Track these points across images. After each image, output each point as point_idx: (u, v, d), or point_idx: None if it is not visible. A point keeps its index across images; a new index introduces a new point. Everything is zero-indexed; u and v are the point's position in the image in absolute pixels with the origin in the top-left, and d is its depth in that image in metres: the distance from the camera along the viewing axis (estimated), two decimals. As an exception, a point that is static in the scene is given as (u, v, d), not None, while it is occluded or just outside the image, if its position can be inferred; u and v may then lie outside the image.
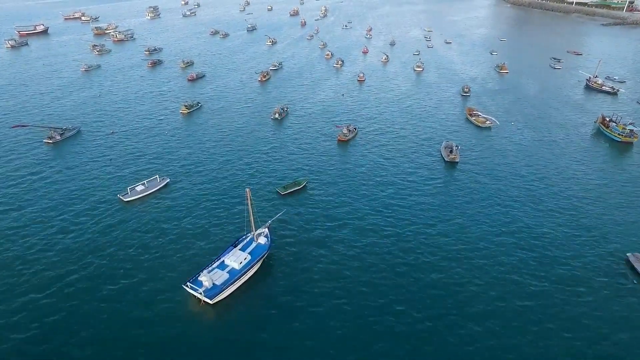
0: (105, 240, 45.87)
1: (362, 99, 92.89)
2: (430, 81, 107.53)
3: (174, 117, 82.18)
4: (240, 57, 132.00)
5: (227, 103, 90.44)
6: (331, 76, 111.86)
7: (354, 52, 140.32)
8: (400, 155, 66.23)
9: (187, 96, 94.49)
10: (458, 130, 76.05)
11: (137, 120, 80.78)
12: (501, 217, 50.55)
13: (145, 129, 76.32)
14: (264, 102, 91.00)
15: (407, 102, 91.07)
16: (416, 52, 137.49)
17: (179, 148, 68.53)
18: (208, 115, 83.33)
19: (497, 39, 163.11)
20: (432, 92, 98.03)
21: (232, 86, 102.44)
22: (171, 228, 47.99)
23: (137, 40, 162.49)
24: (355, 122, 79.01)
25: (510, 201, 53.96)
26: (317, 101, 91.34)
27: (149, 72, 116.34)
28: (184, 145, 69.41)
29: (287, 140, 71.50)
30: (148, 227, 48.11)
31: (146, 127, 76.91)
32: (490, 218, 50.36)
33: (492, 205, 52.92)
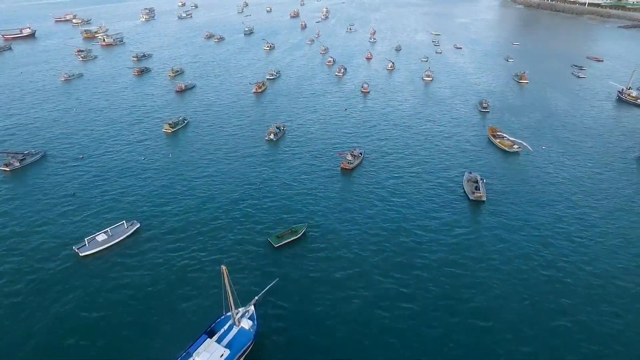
0: (41, 323, 35.12)
1: (367, 115, 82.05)
2: (442, 93, 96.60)
3: (156, 138, 71.47)
4: (235, 65, 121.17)
5: (217, 119, 79.70)
6: (333, 87, 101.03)
7: (357, 58, 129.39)
8: (415, 191, 55.22)
9: (173, 111, 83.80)
10: (481, 156, 65.16)
11: (113, 141, 70.08)
12: (549, 295, 39.64)
13: (121, 153, 65.61)
14: (259, 118, 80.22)
15: (418, 119, 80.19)
16: (424, 58, 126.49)
17: (156, 179, 57.78)
18: (194, 135, 72.58)
19: (510, 43, 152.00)
20: (445, 107, 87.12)
21: (224, 98, 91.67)
22: (132, 302, 37.25)
23: (127, 44, 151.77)
24: (360, 144, 68.28)
25: (559, 260, 43.07)
26: (318, 118, 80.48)
27: (135, 81, 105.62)
28: (162, 176, 58.62)
29: (282, 169, 60.67)
30: (100, 301, 37.30)
31: (122, 152, 66.21)
32: (534, 291, 39.42)
33: (533, 270, 41.86)
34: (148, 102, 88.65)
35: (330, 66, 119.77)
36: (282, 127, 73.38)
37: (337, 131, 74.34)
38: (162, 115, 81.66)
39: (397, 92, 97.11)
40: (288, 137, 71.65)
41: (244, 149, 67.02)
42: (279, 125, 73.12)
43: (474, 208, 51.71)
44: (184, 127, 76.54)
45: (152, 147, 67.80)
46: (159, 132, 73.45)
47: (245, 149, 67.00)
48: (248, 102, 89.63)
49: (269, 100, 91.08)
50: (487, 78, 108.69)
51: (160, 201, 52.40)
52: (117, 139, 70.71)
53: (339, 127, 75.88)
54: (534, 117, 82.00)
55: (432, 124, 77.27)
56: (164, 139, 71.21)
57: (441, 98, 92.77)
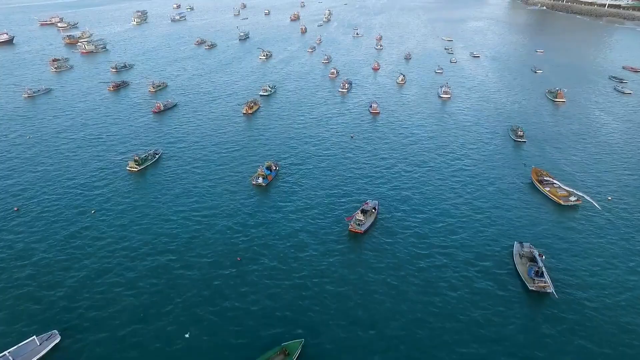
0: None
1: (378, 145, 66.42)
2: (464, 116, 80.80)
3: (116, 180, 56.11)
4: (225, 78, 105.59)
5: (196, 152, 64.28)
6: (336, 106, 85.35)
7: (363, 69, 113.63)
8: (451, 274, 39.45)
9: (145, 140, 68.48)
10: (527, 213, 49.41)
11: (62, 184, 54.78)
12: None
13: (64, 208, 50.22)
14: (247, 151, 64.70)
15: (440, 154, 64.46)
16: (439, 69, 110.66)
17: (99, 258, 42.26)
18: (163, 177, 57.22)
19: (532, 50, 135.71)
20: (471, 136, 71.40)
21: (208, 122, 76.17)
22: None
23: (111, 51, 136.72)
24: (371, 191, 52.81)
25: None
26: (318, 151, 64.81)
27: (109, 99, 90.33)
28: (108, 252, 43.00)
29: (271, 236, 44.89)
30: None
31: (66, 204, 50.84)
32: None
33: None
34: (118, 128, 73.20)
35: (333, 79, 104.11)
36: (274, 166, 57.97)
37: (343, 170, 58.77)
38: (132, 146, 66.39)
39: (411, 113, 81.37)
40: (281, 181, 56.24)
41: (222, 200, 51.27)
42: (270, 164, 57.63)
43: (535, 301, 36.32)
44: (155, 162, 61.26)
45: (107, 194, 52.41)
46: (121, 173, 58.13)
47: (225, 200, 51.25)
48: (236, 127, 74.07)
49: (261, 124, 75.49)
50: (515, 96, 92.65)
51: (87, 303, 36.62)
52: (66, 183, 55.40)
53: (345, 165, 60.30)
54: (583, 150, 65.59)
55: (459, 164, 61.40)
56: (126, 181, 55.91)
57: (464, 122, 76.99)
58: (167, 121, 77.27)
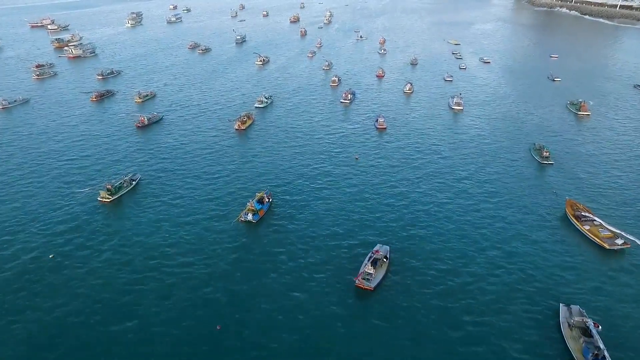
0: None
1: (386, 170, 57.96)
2: (480, 131, 72.25)
3: (83, 215, 47.91)
4: (217, 86, 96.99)
5: (179, 177, 55.78)
6: (339, 120, 76.87)
7: (366, 77, 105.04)
8: (488, 356, 31.48)
9: (124, 162, 60.17)
10: (567, 260, 41.08)
11: (18, 219, 46.57)
12: None
13: (18, 251, 41.95)
14: (236, 178, 56.12)
15: (457, 177, 56.11)
16: (448, 77, 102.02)
17: (43, 327, 34.12)
18: (138, 210, 48.81)
19: (546, 55, 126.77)
20: (490, 155, 62.87)
21: (195, 141, 67.64)
22: None
23: (100, 56, 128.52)
24: (382, 234, 44.51)
25: None
26: (318, 176, 56.43)
27: (90, 111, 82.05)
28: (75, 309, 34.99)
29: (260, 298, 36.32)
30: None
31: (21, 247, 42.53)
32: None
33: None
34: (94, 148, 64.81)
35: (334, 88, 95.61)
36: (267, 198, 49.62)
37: (346, 201, 50.39)
38: (108, 169, 58.21)
39: (421, 128, 72.87)
40: (274, 216, 47.93)
41: (205, 246, 42.59)
42: (262, 195, 49.29)
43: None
44: (131, 190, 52.98)
45: (70, 234, 44.10)
46: (90, 205, 49.88)
47: (208, 246, 42.51)
48: (226, 146, 65.60)
49: (254, 143, 66.97)
50: (533, 108, 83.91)
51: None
52: (27, 217, 47.10)
53: (349, 195, 51.86)
54: (622, 177, 56.61)
55: (480, 194, 52.83)
56: (95, 216, 47.66)
57: (480, 140, 68.51)
58: (151, 138, 68.91)
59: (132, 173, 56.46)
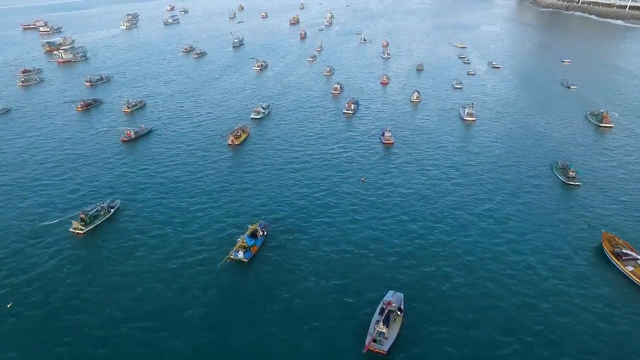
0: None
1: (395, 194, 51.48)
2: (495, 145, 65.75)
3: (51, 252, 41.63)
4: (211, 95, 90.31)
5: (162, 205, 49.24)
6: (342, 132, 70.27)
7: (370, 84, 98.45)
8: None
9: (105, 184, 53.85)
10: (614, 313, 34.73)
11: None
12: None
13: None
14: (226, 205, 49.72)
15: (476, 202, 49.66)
16: (457, 83, 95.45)
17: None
18: (112, 246, 42.48)
19: (558, 60, 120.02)
20: (509, 175, 56.37)
21: (184, 159, 60.98)
22: None
23: (91, 60, 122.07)
24: (392, 273, 38.14)
25: None
26: (320, 202, 49.80)
27: (75, 122, 75.74)
28: None
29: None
30: None
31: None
32: None
33: None
34: (73, 167, 58.37)
35: (336, 96, 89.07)
36: (261, 231, 43.19)
37: (351, 232, 43.97)
38: (87, 194, 51.89)
39: (432, 143, 66.32)
40: (268, 253, 41.52)
41: (185, 301, 36.14)
42: (256, 228, 42.86)
43: None
44: (109, 219, 46.67)
45: (31, 277, 37.72)
46: (62, 235, 43.60)
47: (188, 301, 35.96)
48: (217, 166, 58.95)
49: (248, 162, 60.33)
50: (550, 119, 77.24)
51: None
52: None
53: (355, 227, 45.31)
54: (659, 202, 50.88)
55: (503, 223, 46.43)
56: (64, 252, 41.35)
57: (498, 156, 61.94)
58: (136, 155, 62.46)
59: (111, 199, 50.08)
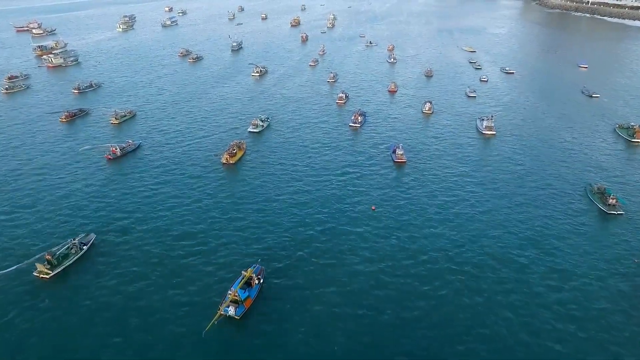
0: None
1: (412, 226, 44.37)
2: (521, 165, 58.27)
3: (11, 304, 34.71)
4: (207, 105, 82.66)
5: (143, 243, 42.11)
6: (349, 149, 62.96)
7: (377, 92, 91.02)
8: None
9: (78, 212, 46.83)
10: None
11: None
12: None
13: None
14: (216, 243, 42.50)
15: (502, 239, 42.57)
16: (471, 91, 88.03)
17: None
18: (82, 297, 35.47)
19: (574, 65, 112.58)
20: (541, 199, 49.19)
21: (172, 182, 53.93)
22: None
23: (83, 65, 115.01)
24: (413, 336, 31.25)
25: None
26: (325, 238, 42.72)
27: (57, 135, 68.78)
28: None
29: None
30: None
31: None
32: None
33: None
34: (49, 194, 51.29)
35: (341, 106, 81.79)
36: (257, 279, 36.05)
37: (363, 280, 36.92)
38: (60, 226, 44.93)
39: (450, 161, 58.95)
40: (264, 307, 34.43)
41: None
42: (250, 275, 35.75)
43: None
44: (80, 258, 39.69)
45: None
46: (26, 279, 36.66)
47: None
48: (208, 193, 51.58)
49: (243, 186, 53.03)
50: (575, 133, 69.70)
51: None
52: None
53: (367, 273, 38.32)
54: None
55: (541, 266, 39.51)
56: (28, 300, 34.47)
57: (525, 177, 54.59)
58: (119, 177, 55.24)
59: (85, 233, 43.05)
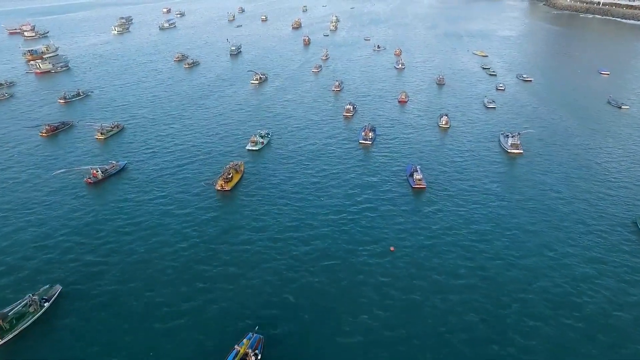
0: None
1: (437, 271, 36.90)
2: (554, 188, 50.94)
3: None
4: (201, 120, 74.24)
5: (119, 294, 34.63)
6: (360, 170, 55.15)
7: (386, 103, 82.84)
8: None
9: (44, 259, 39.23)
10: None
11: None
12: None
13: None
14: (205, 314, 35.14)
15: (554, 294, 34.95)
16: (489, 102, 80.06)
17: None
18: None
19: (595, 71, 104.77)
20: (581, 235, 41.84)
21: (160, 207, 46.81)
22: None
23: (73, 71, 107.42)
24: None
25: None
26: (335, 295, 35.02)
27: (35, 153, 61.15)
28: None
29: None
30: None
31: None
32: None
33: None
34: (12, 232, 43.78)
35: (349, 118, 74.18)
36: (252, 355, 28.49)
37: (384, 346, 29.53)
38: (20, 276, 37.36)
39: (474, 187, 51.14)
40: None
41: None
42: (245, 352, 28.23)
43: None
44: (39, 320, 32.15)
45: None
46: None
47: None
48: (199, 229, 43.62)
49: (239, 217, 45.39)
50: (610, 150, 61.89)
51: None
52: None
53: (391, 335, 30.91)
54: None
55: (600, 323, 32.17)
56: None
57: (563, 208, 47.13)
58: (98, 207, 47.50)
59: (49, 285, 35.44)
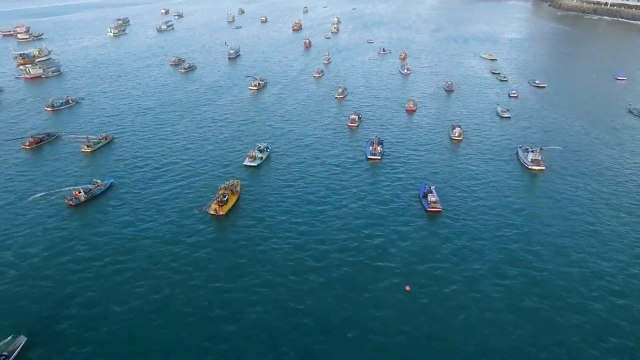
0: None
1: (462, 316, 31.88)
2: (575, 207, 45.85)
3: None
4: (196, 131, 68.71)
5: (99, 350, 29.69)
6: (368, 192, 49.98)
7: (393, 112, 76.81)
8: None
9: (12, 302, 34.12)
10: None
11: None
12: None
13: None
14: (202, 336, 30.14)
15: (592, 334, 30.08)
16: (504, 111, 74.59)
17: None
18: None
19: (610, 76, 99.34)
20: (624, 270, 36.82)
21: (145, 240, 41.49)
22: None
23: (65, 76, 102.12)
24: None
25: None
26: (344, 346, 30.26)
27: (16, 168, 55.96)
28: None
29: None
30: None
31: None
32: None
33: None
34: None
35: (354, 129, 68.82)
36: None
37: None
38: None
39: (492, 210, 46.17)
40: None
41: None
42: None
43: None
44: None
45: None
46: None
47: None
48: (187, 265, 38.76)
49: (234, 255, 40.08)
50: (635, 165, 57.24)
51: None
52: None
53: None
54: None
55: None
56: None
57: (598, 238, 42.03)
58: (77, 239, 42.10)
59: (12, 336, 30.24)
